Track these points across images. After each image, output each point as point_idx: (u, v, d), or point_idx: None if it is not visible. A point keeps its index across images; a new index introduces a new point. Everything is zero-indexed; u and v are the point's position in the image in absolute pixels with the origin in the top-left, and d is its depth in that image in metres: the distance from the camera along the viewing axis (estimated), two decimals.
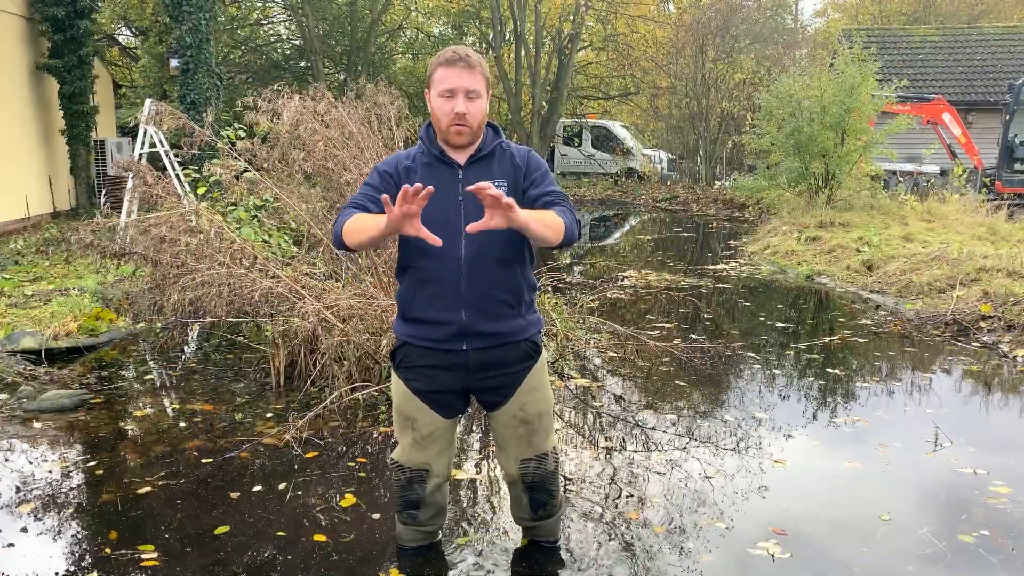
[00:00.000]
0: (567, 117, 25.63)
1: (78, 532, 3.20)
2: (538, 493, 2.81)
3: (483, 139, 2.56)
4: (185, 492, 3.54)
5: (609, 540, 3.10)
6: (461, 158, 2.53)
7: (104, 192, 13.41)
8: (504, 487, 3.55)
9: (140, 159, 9.40)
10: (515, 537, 3.11)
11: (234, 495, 3.49)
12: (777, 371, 5.46)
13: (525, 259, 2.63)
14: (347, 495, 3.48)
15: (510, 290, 2.57)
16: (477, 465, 3.90)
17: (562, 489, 3.04)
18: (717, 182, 19.98)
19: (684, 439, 4.16)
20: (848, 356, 5.77)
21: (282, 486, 3.57)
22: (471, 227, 2.24)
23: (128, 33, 26.41)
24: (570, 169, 24.39)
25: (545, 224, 2.36)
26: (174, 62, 14.72)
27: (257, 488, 3.57)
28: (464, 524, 3.25)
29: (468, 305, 2.52)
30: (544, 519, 2.91)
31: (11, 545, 3.08)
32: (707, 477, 3.67)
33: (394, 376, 2.75)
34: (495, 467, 3.84)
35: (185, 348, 6.09)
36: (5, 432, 4.30)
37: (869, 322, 6.76)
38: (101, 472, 3.77)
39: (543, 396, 2.72)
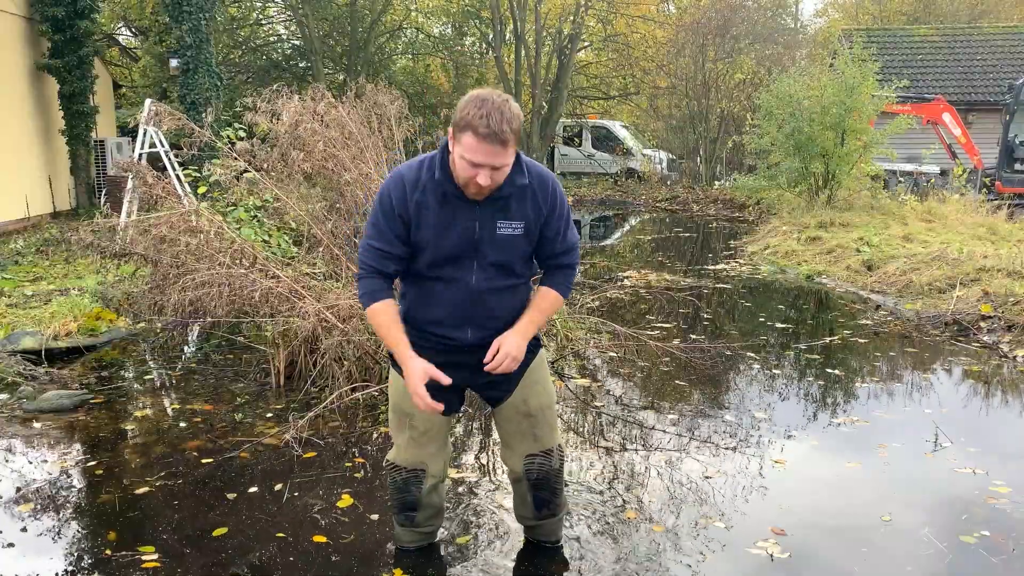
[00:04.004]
0: (567, 117, 25.62)
1: (78, 532, 3.20)
2: (542, 491, 2.81)
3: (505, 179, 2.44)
4: (185, 492, 3.53)
5: (609, 540, 3.10)
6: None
7: (104, 192, 13.40)
8: (505, 487, 3.55)
9: (140, 159, 9.40)
10: (516, 537, 3.11)
11: (234, 495, 3.49)
12: (777, 371, 5.46)
13: (529, 278, 2.67)
14: (347, 496, 3.48)
15: (515, 310, 2.60)
16: (478, 465, 3.90)
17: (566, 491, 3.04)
18: (717, 182, 19.96)
19: (684, 439, 4.16)
20: (848, 356, 5.77)
21: (282, 486, 3.57)
22: (491, 367, 2.48)
23: (128, 33, 26.42)
24: (570, 169, 24.39)
25: (545, 315, 2.63)
26: (174, 62, 14.73)
27: (257, 489, 3.56)
28: (465, 524, 3.25)
29: (474, 325, 2.56)
30: (547, 518, 2.91)
31: (11, 545, 3.08)
32: (707, 477, 3.67)
33: (392, 373, 2.75)
34: (496, 467, 3.84)
35: (185, 348, 6.09)
36: (5, 432, 4.30)
37: (869, 322, 6.75)
38: (101, 472, 3.77)
39: (545, 389, 2.74)
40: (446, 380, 2.46)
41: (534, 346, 2.69)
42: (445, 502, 3.05)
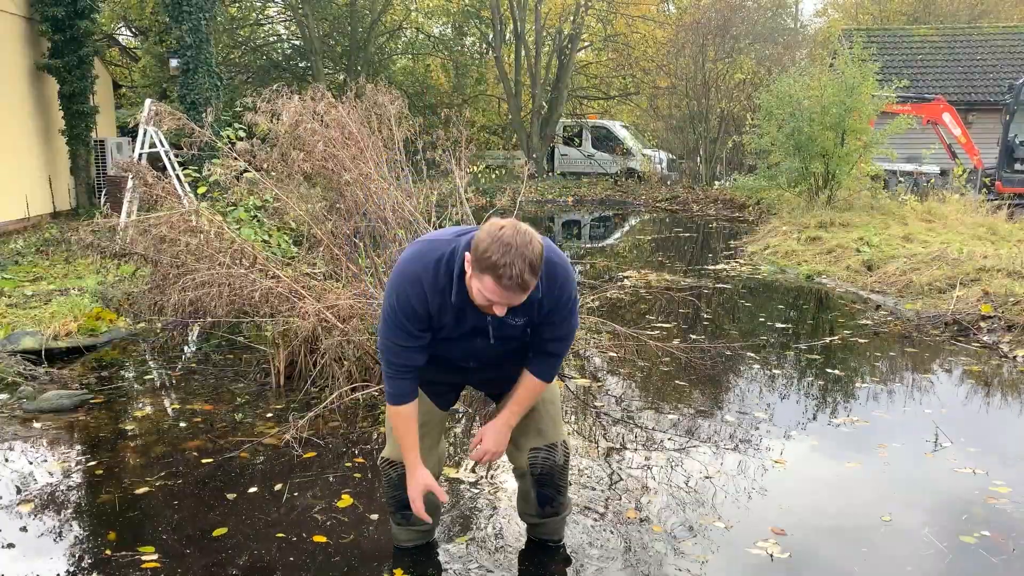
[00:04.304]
0: (567, 117, 25.63)
1: (78, 532, 3.20)
2: (546, 488, 2.81)
3: None
4: (185, 492, 3.53)
5: (609, 539, 3.10)
6: None
7: (104, 192, 13.40)
8: (506, 486, 3.55)
9: (140, 159, 9.40)
10: (516, 536, 3.11)
11: (234, 495, 3.49)
12: (777, 371, 5.46)
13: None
14: (347, 496, 3.48)
15: (519, 352, 2.64)
16: (478, 464, 3.89)
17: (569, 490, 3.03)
18: (717, 182, 19.96)
19: (684, 439, 4.16)
20: (848, 356, 5.77)
21: (282, 486, 3.57)
22: (473, 456, 2.69)
23: (128, 33, 26.42)
24: (570, 169, 24.39)
25: (526, 405, 2.65)
26: (174, 62, 14.73)
27: (257, 489, 3.56)
28: (465, 523, 3.25)
29: (478, 360, 2.63)
30: (550, 516, 2.91)
31: (11, 545, 3.08)
32: (707, 477, 3.67)
33: None
34: (495, 466, 3.84)
35: (185, 348, 6.09)
36: (5, 432, 4.30)
37: (869, 322, 6.75)
38: (101, 472, 3.77)
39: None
40: (443, 496, 2.68)
41: None
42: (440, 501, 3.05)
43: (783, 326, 6.79)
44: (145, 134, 10.25)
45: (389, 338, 2.46)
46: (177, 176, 9.83)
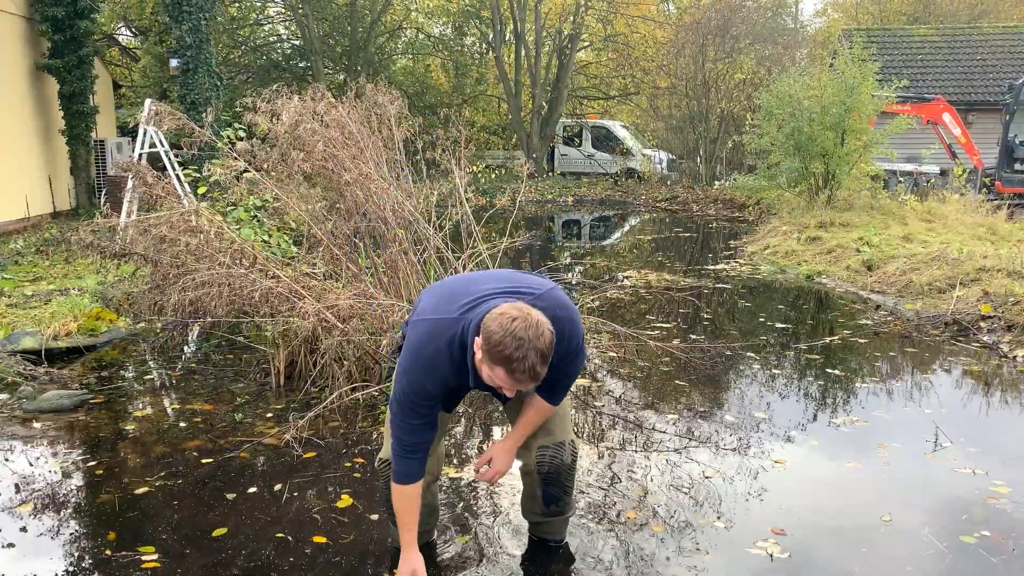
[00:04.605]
0: (567, 117, 25.63)
1: (78, 532, 3.20)
2: (553, 487, 2.81)
3: None
4: (185, 492, 3.53)
5: (609, 539, 3.10)
6: None
7: (104, 192, 13.40)
8: (506, 486, 3.55)
9: (140, 159, 9.41)
10: (516, 536, 3.11)
11: (233, 495, 3.49)
12: (777, 371, 5.46)
13: None
14: (346, 496, 3.48)
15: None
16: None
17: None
18: (717, 182, 19.96)
19: (684, 439, 4.16)
20: (848, 356, 5.77)
21: (281, 486, 3.57)
22: (481, 477, 2.76)
23: (128, 33, 26.43)
24: (570, 169, 24.39)
25: (534, 426, 2.69)
26: (174, 62, 14.73)
27: (257, 489, 3.56)
28: (465, 523, 3.25)
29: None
30: (555, 516, 2.92)
31: (11, 545, 3.08)
32: (707, 477, 3.67)
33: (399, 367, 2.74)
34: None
35: (185, 348, 6.09)
36: (5, 432, 4.30)
37: (869, 322, 6.75)
38: (101, 472, 3.77)
39: None
40: None
41: None
42: (439, 501, 3.05)
43: (783, 326, 6.79)
44: (145, 134, 10.25)
45: (402, 418, 2.46)
46: (177, 176, 9.83)
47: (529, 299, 2.36)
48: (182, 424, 4.41)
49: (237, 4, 24.49)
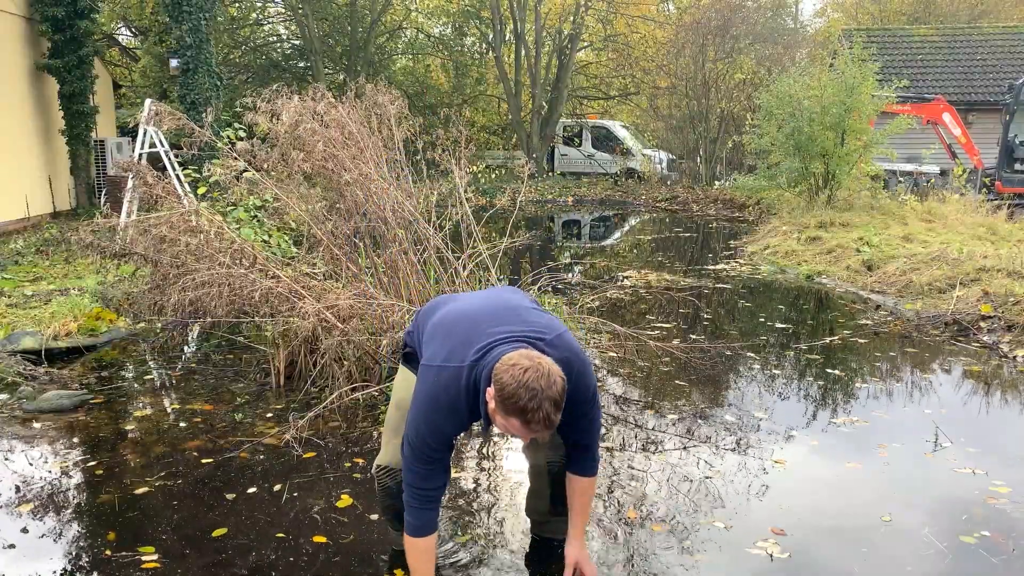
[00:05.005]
0: (567, 117, 25.63)
1: (78, 533, 3.20)
2: (562, 487, 2.80)
3: None
4: (185, 492, 3.53)
5: (609, 539, 3.10)
6: None
7: (104, 192, 13.40)
8: (506, 486, 3.55)
9: (140, 159, 9.40)
10: (516, 536, 3.11)
11: (233, 496, 3.49)
12: (777, 371, 5.46)
13: None
14: (346, 496, 3.48)
15: None
16: (477, 465, 3.89)
17: None
18: (717, 182, 19.96)
19: (684, 439, 4.16)
20: (848, 356, 5.77)
21: (281, 487, 3.57)
22: None
23: (128, 33, 26.43)
24: (570, 169, 24.39)
25: (589, 508, 2.72)
26: (174, 62, 14.73)
27: (257, 489, 3.56)
28: (465, 523, 3.25)
29: None
30: (561, 515, 2.91)
31: (11, 546, 3.08)
32: (707, 477, 3.67)
33: (402, 369, 2.74)
34: (496, 467, 3.84)
35: (185, 348, 6.09)
36: (5, 432, 4.30)
37: (869, 322, 6.75)
38: (101, 472, 3.77)
39: None
40: None
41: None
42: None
43: (783, 326, 6.79)
44: (145, 134, 10.26)
45: (417, 464, 2.41)
46: (177, 176, 9.84)
47: (540, 345, 2.33)
48: (182, 424, 4.41)
49: (237, 4, 24.49)
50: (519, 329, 2.39)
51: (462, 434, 2.47)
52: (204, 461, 3.87)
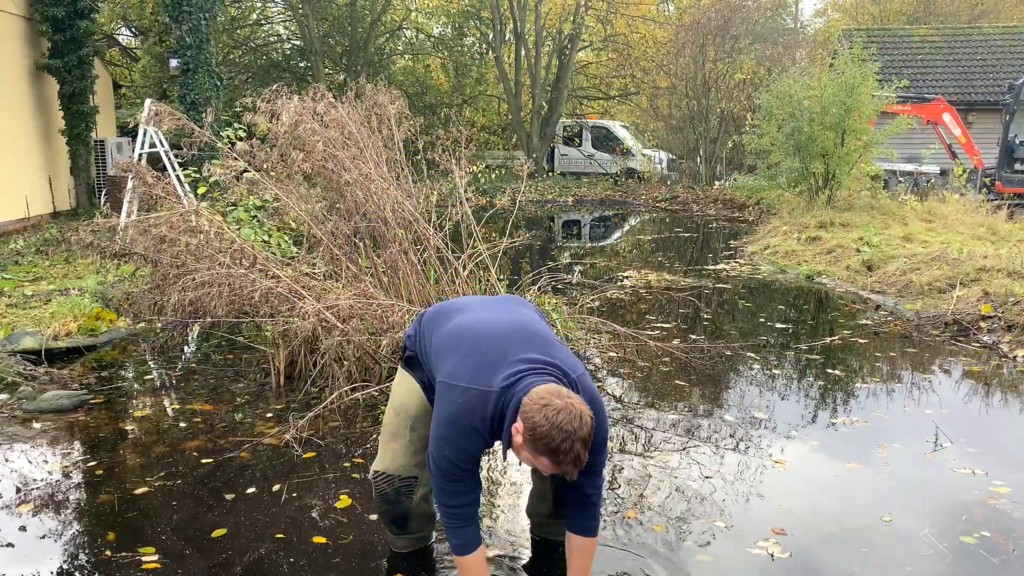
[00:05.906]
0: (567, 117, 25.63)
1: (78, 533, 3.20)
2: (566, 490, 2.79)
3: None
4: (185, 493, 3.53)
5: (609, 539, 3.10)
6: None
7: (104, 192, 13.40)
8: (505, 486, 3.55)
9: (140, 159, 9.40)
10: (517, 536, 3.11)
11: (233, 496, 3.49)
12: (777, 371, 5.46)
13: None
14: (345, 496, 3.48)
15: None
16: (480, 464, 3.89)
17: None
18: (717, 182, 19.96)
19: (684, 439, 4.16)
20: (848, 356, 5.77)
21: (281, 487, 3.57)
22: None
23: (128, 33, 26.42)
24: (570, 169, 24.39)
25: (588, 567, 2.58)
26: (174, 62, 14.72)
27: (256, 489, 3.56)
28: None
29: None
30: (562, 518, 2.91)
31: (11, 545, 3.08)
32: (707, 477, 3.66)
33: (402, 373, 2.73)
34: (495, 467, 3.84)
35: (185, 348, 6.09)
36: (5, 432, 4.30)
37: (869, 322, 6.75)
38: (101, 472, 3.76)
39: None
40: None
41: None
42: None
43: (783, 326, 6.79)
44: (145, 134, 10.25)
45: (447, 483, 2.41)
46: (177, 176, 9.83)
47: (566, 382, 2.32)
48: (182, 424, 4.41)
49: (237, 4, 24.48)
50: (547, 360, 2.37)
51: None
52: (204, 461, 3.87)
